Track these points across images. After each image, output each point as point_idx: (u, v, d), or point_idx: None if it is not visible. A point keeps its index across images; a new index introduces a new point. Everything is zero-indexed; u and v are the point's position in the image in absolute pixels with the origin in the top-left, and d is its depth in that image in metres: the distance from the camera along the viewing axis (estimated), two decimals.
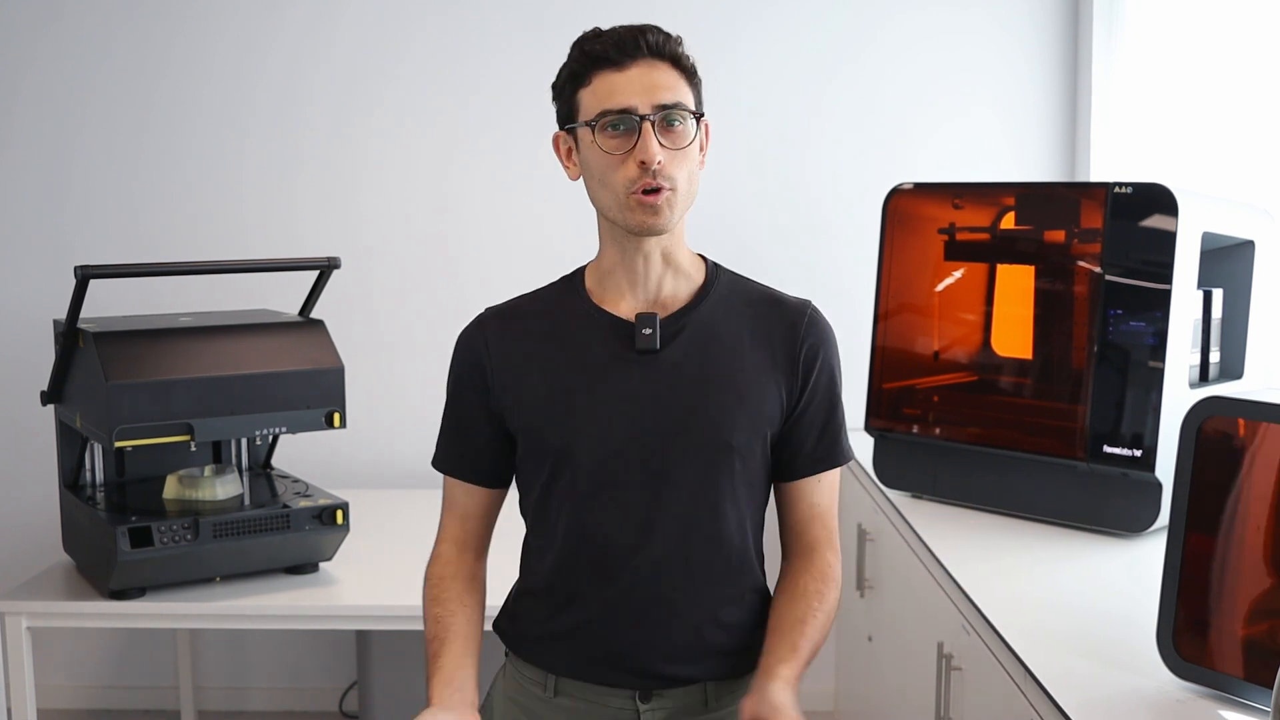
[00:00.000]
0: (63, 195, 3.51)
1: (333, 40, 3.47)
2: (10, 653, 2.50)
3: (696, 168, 1.54)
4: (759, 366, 1.56)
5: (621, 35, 1.50)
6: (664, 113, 1.48)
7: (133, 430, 2.38)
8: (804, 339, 1.58)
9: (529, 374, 1.58)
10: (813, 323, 1.59)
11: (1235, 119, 2.78)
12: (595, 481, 1.54)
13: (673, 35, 1.52)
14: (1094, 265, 2.29)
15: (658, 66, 1.50)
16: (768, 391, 1.56)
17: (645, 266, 1.56)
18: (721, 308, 1.58)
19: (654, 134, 1.47)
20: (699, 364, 1.55)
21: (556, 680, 1.59)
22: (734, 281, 1.63)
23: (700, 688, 1.58)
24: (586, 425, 1.54)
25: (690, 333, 1.56)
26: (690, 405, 1.53)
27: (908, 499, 2.60)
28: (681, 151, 1.50)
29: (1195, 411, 1.58)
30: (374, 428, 3.43)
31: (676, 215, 1.52)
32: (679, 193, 1.50)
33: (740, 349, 1.56)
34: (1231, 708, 1.54)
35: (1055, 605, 1.95)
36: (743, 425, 1.54)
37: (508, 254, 3.50)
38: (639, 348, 1.54)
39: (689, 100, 1.51)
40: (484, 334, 1.62)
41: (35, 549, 3.29)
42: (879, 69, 3.46)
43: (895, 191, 2.65)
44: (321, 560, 2.66)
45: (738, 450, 1.54)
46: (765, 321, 1.58)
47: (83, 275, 2.41)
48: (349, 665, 3.57)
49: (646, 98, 1.48)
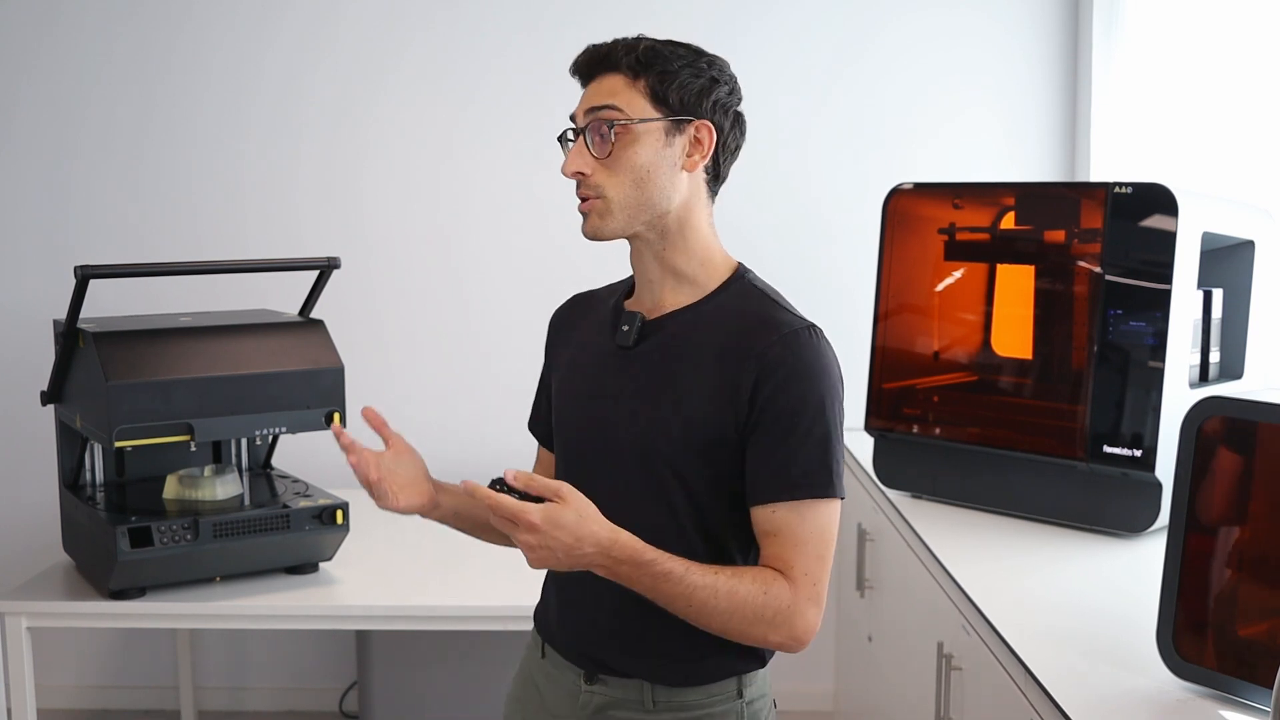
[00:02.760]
0: (63, 195, 3.51)
1: (333, 40, 3.47)
2: (10, 653, 2.50)
3: (649, 175, 1.49)
4: (712, 381, 1.49)
5: (580, 58, 1.54)
6: (591, 118, 1.49)
7: (133, 430, 2.38)
8: (763, 356, 1.47)
9: (565, 358, 1.67)
10: (783, 343, 1.47)
11: (1235, 119, 2.78)
12: (564, 463, 1.63)
13: (624, 41, 1.51)
14: (1094, 265, 2.29)
15: (604, 78, 1.50)
16: (711, 406, 1.49)
17: (641, 268, 1.59)
18: (709, 316, 1.54)
19: (585, 145, 1.49)
20: (658, 368, 1.54)
21: (543, 644, 1.66)
22: (747, 294, 1.55)
23: (639, 684, 1.55)
24: (567, 410, 1.62)
25: (661, 338, 1.55)
26: (637, 405, 1.53)
27: (908, 499, 2.60)
28: (606, 161, 1.49)
29: (1195, 411, 1.58)
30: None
31: (612, 224, 1.51)
32: (611, 201, 1.49)
33: (701, 361, 1.51)
34: (1231, 708, 1.54)
35: (1055, 605, 1.95)
36: (675, 435, 1.50)
37: (508, 254, 3.50)
38: (617, 343, 1.58)
39: (631, 103, 1.48)
40: (558, 315, 1.73)
41: (35, 549, 3.29)
42: (879, 69, 3.46)
43: (895, 191, 2.65)
44: (321, 560, 2.66)
45: (665, 456, 1.51)
46: (740, 338, 1.50)
47: (83, 275, 2.41)
48: (349, 665, 3.57)
49: (583, 106, 1.51)
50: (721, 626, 1.45)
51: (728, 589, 1.43)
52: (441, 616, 2.55)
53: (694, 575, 1.43)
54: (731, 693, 1.56)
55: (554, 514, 1.36)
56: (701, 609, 1.44)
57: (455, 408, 3.49)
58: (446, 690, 3.12)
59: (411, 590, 2.59)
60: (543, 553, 1.38)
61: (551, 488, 1.38)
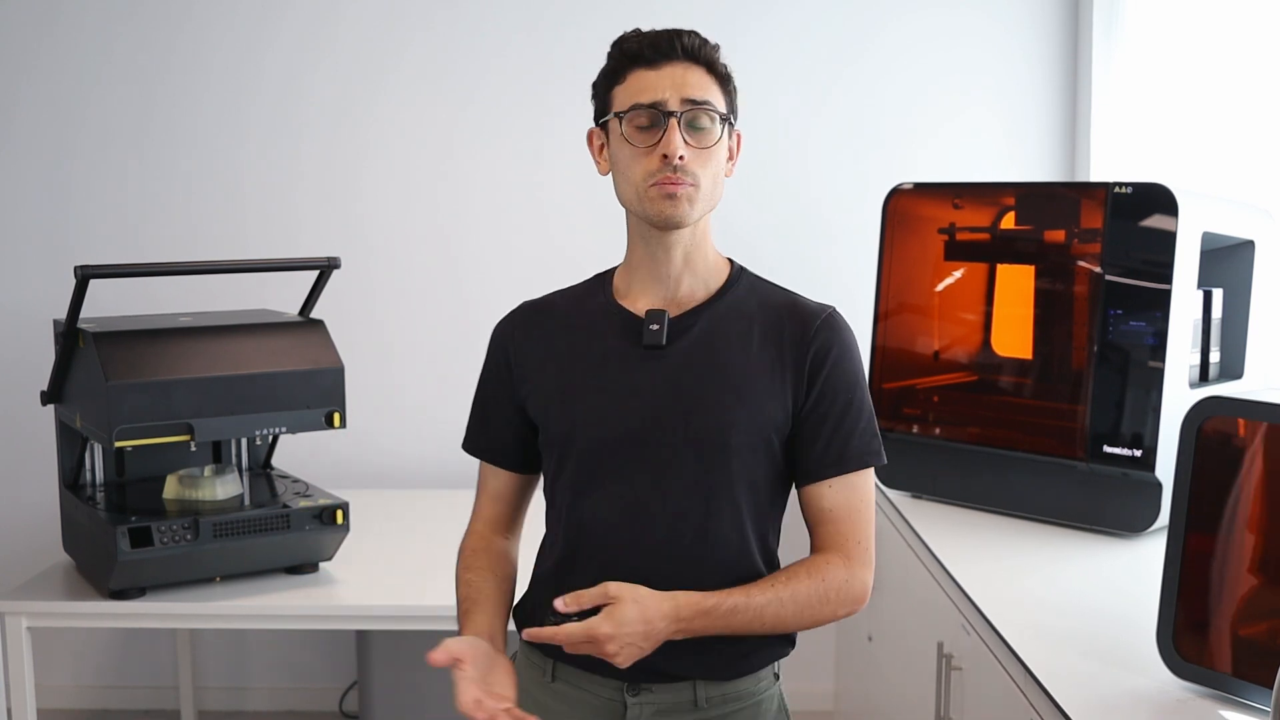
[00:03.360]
0: (63, 195, 3.51)
1: (333, 40, 3.47)
2: (10, 653, 2.50)
3: (722, 171, 1.57)
4: (765, 368, 1.56)
5: (658, 36, 1.55)
6: (692, 109, 1.51)
7: (133, 430, 2.38)
8: (814, 340, 1.57)
9: (546, 365, 1.62)
10: (827, 325, 1.58)
11: (1235, 119, 2.78)
12: (591, 470, 1.57)
13: (710, 41, 1.57)
14: (1094, 265, 2.29)
15: (691, 68, 1.54)
16: (772, 393, 1.56)
17: (667, 263, 1.58)
18: (735, 309, 1.59)
19: (679, 130, 1.51)
20: (702, 362, 1.56)
21: (554, 665, 1.61)
22: (756, 285, 1.64)
23: (689, 685, 1.57)
24: (587, 415, 1.57)
25: (698, 331, 1.57)
26: (690, 403, 1.54)
27: (908, 499, 2.60)
28: (707, 150, 1.53)
29: (1195, 411, 1.58)
30: (374, 428, 3.43)
31: (696, 211, 1.53)
32: (700, 190, 1.53)
33: (747, 349, 1.57)
34: (1231, 708, 1.54)
35: (1055, 605, 1.95)
36: (741, 425, 1.54)
37: (508, 254, 3.50)
38: (645, 343, 1.57)
39: (719, 102, 1.55)
40: (513, 326, 1.67)
41: (35, 549, 3.29)
42: (880, 69, 3.46)
43: (895, 191, 2.65)
44: (321, 560, 2.66)
45: (734, 449, 1.55)
46: (777, 324, 1.58)
47: (83, 275, 2.41)
48: (349, 665, 3.57)
49: (676, 93, 1.52)
50: (796, 627, 1.55)
51: (789, 595, 1.51)
52: (441, 616, 2.54)
53: (756, 597, 1.50)
54: (770, 678, 1.63)
55: (617, 615, 1.42)
56: (775, 622, 1.52)
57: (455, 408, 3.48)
58: (446, 690, 3.09)
59: (411, 590, 2.58)
60: (629, 650, 1.44)
61: (600, 594, 1.43)
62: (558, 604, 1.42)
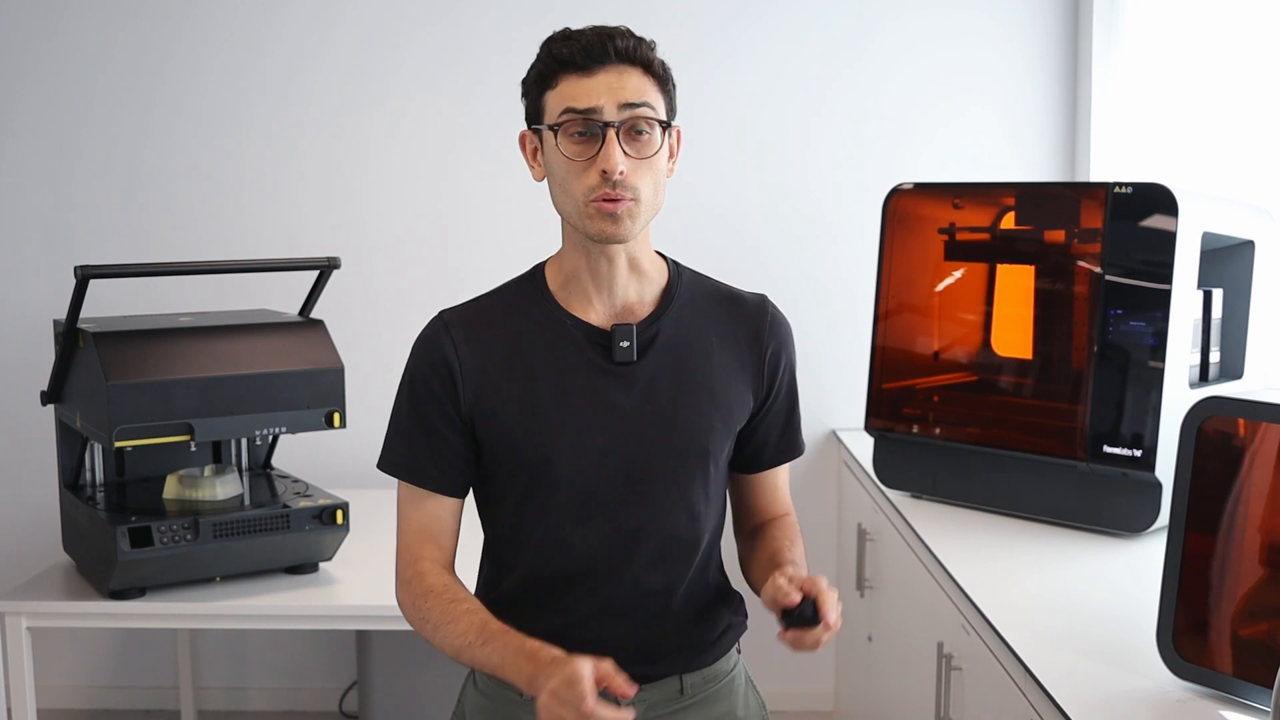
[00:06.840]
0: (63, 195, 3.51)
1: (333, 41, 3.47)
2: (10, 653, 2.50)
3: (663, 177, 1.50)
4: (728, 369, 1.57)
5: (590, 40, 1.46)
6: (630, 113, 1.44)
7: (133, 430, 2.38)
8: (769, 341, 1.59)
9: (503, 383, 1.52)
10: (775, 323, 1.61)
11: (1235, 119, 2.78)
12: (575, 493, 1.51)
13: (645, 40, 1.48)
14: (1094, 265, 2.29)
15: (627, 71, 1.46)
16: (736, 392, 1.57)
17: (610, 272, 1.52)
18: (688, 311, 1.57)
19: (618, 142, 1.43)
20: (674, 372, 1.54)
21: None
22: (694, 281, 1.61)
23: (676, 679, 1.59)
24: (565, 437, 1.50)
25: (663, 341, 1.54)
26: (669, 414, 1.53)
27: (908, 499, 2.60)
28: (646, 161, 1.46)
29: (1195, 411, 1.58)
30: (374, 428, 3.41)
31: (638, 225, 1.47)
32: (641, 203, 1.46)
33: (709, 352, 1.56)
34: (1231, 708, 1.54)
35: (1055, 605, 1.95)
36: (717, 429, 1.55)
37: (508, 254, 3.48)
38: (617, 360, 1.51)
39: (658, 105, 1.47)
40: (451, 338, 1.55)
41: (35, 549, 3.29)
42: (880, 69, 3.46)
43: (895, 191, 2.65)
44: (321, 560, 2.66)
45: (712, 454, 1.56)
46: (730, 322, 1.58)
47: (83, 275, 2.41)
48: (349, 665, 3.57)
49: (612, 99, 1.44)
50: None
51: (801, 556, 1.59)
52: None
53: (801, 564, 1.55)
54: (735, 654, 1.68)
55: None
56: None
57: None
58: (446, 690, 3.11)
59: None
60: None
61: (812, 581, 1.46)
62: (826, 612, 1.44)
